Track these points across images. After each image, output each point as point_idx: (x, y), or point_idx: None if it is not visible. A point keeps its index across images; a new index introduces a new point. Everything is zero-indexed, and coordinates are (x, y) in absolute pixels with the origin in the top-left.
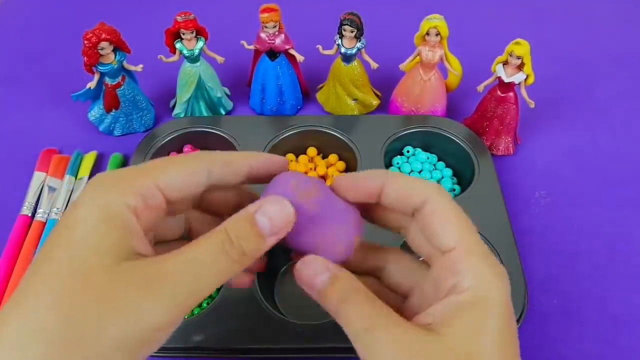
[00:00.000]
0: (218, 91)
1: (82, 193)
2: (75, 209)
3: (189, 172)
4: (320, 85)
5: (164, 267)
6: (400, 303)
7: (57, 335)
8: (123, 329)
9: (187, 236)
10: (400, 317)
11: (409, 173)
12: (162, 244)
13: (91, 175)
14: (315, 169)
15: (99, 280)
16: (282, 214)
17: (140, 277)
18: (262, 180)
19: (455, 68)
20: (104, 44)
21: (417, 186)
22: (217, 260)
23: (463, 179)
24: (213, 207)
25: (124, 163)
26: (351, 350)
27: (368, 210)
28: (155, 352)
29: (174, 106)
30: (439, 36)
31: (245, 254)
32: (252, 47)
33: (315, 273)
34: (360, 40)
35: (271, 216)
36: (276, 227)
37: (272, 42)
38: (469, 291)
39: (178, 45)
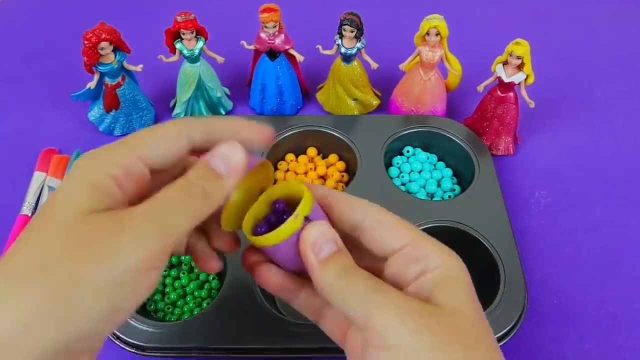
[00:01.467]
0: (218, 91)
1: (71, 168)
2: (63, 180)
3: (166, 137)
4: (320, 85)
5: (134, 210)
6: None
7: (37, 282)
8: (100, 272)
9: None
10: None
11: (409, 173)
12: None
13: None
14: (315, 169)
15: (73, 228)
16: (233, 154)
17: (112, 222)
18: (244, 145)
19: (455, 68)
20: (104, 44)
21: (352, 206)
22: (182, 199)
23: (463, 179)
24: None
25: None
26: None
27: None
28: (155, 352)
29: (174, 106)
30: (439, 36)
31: (207, 193)
32: (252, 47)
33: (325, 240)
34: (360, 40)
35: (222, 155)
36: (230, 166)
37: (272, 42)
38: (439, 269)
39: (178, 45)
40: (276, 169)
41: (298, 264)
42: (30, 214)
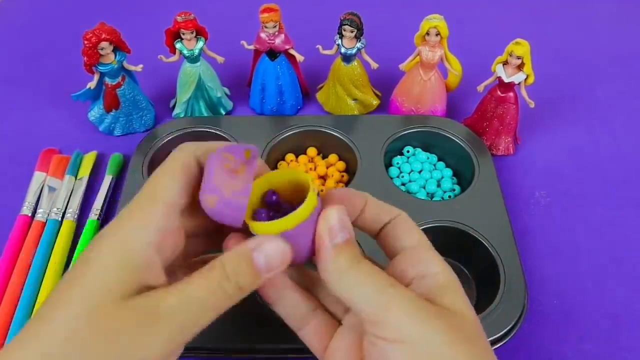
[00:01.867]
0: (218, 91)
1: (107, 226)
2: (97, 241)
3: (182, 170)
4: (320, 85)
5: (164, 304)
6: None
7: None
8: None
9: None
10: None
11: (409, 173)
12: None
13: (91, 175)
14: (315, 169)
15: (103, 318)
16: (278, 253)
17: (140, 314)
18: None
19: (455, 68)
20: (104, 44)
21: (389, 207)
22: (213, 297)
23: (463, 179)
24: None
25: (124, 163)
26: None
27: None
28: None
29: (174, 106)
30: (439, 36)
31: (240, 289)
32: (252, 47)
33: (342, 225)
34: (360, 40)
35: (267, 254)
36: (272, 265)
37: (272, 42)
38: (439, 275)
39: (178, 45)
40: (276, 169)
41: (299, 251)
42: (30, 214)
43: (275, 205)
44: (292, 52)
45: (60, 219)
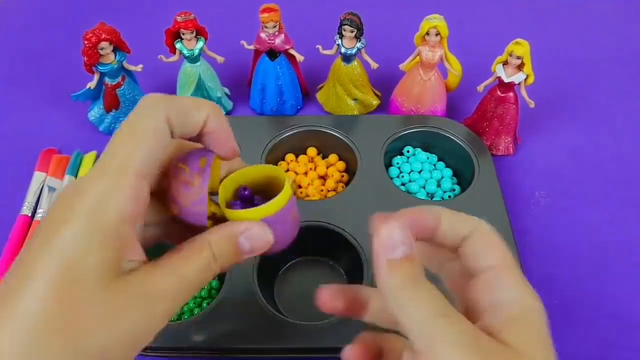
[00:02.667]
0: (218, 91)
1: (74, 212)
2: (69, 224)
3: (157, 145)
4: (320, 85)
5: (159, 286)
6: None
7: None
8: (109, 341)
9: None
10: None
11: (409, 173)
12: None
13: None
14: (315, 169)
15: (88, 304)
16: (263, 240)
17: (133, 298)
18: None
19: (455, 68)
20: (104, 44)
21: (466, 218)
22: (203, 276)
23: (463, 179)
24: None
25: None
26: None
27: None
28: (156, 352)
29: None
30: (439, 36)
31: (223, 268)
32: (252, 47)
33: (401, 240)
34: (360, 40)
35: (253, 241)
36: (255, 250)
37: (272, 42)
38: (515, 303)
39: (178, 45)
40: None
41: (285, 238)
42: (30, 214)
43: (248, 199)
44: (292, 52)
45: None
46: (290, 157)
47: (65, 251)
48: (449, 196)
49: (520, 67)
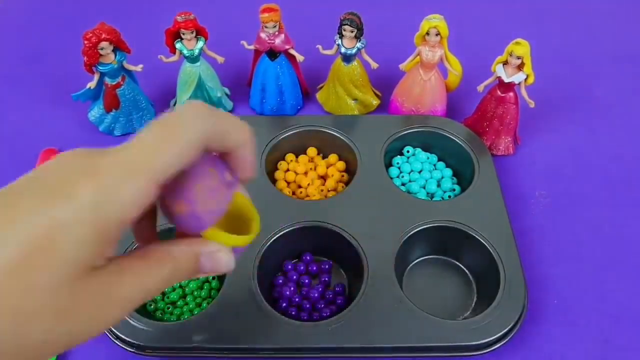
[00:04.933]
0: (218, 91)
1: (85, 195)
2: (70, 203)
3: (186, 158)
4: (320, 85)
5: (120, 290)
6: None
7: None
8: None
9: None
10: None
11: (409, 173)
12: None
13: None
14: (315, 169)
15: (48, 291)
16: (227, 267)
17: (96, 296)
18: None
19: (455, 68)
20: (104, 44)
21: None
22: (162, 285)
23: (463, 179)
24: None
25: None
26: (350, 350)
27: None
28: (155, 352)
29: (174, 106)
30: (439, 36)
31: (179, 280)
32: (252, 47)
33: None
34: (360, 40)
35: (218, 265)
36: (213, 272)
37: (272, 42)
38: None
39: (178, 45)
40: (276, 168)
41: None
42: None
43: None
44: (292, 52)
45: None
46: (290, 157)
47: (56, 225)
48: (449, 196)
49: (520, 67)
